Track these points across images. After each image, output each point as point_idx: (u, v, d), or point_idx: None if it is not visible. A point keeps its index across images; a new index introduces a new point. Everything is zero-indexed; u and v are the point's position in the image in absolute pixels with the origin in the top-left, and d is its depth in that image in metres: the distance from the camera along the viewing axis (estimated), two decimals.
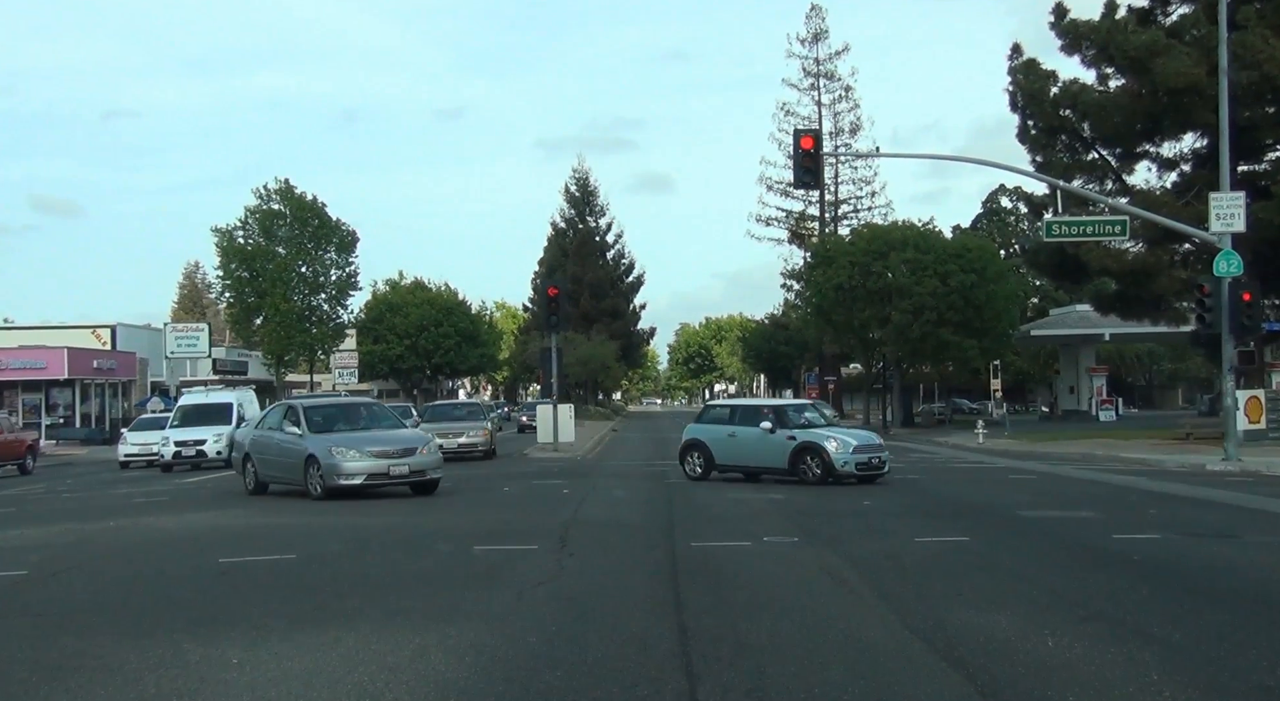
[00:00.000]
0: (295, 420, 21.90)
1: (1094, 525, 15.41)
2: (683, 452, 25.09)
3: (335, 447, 20.55)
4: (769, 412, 23.97)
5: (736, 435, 24.01)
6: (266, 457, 22.37)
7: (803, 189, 74.72)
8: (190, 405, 36.75)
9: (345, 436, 21.25)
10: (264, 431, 23.10)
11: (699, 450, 24.59)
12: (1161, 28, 38.81)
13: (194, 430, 34.43)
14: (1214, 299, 27.49)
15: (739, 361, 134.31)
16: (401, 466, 20.52)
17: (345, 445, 20.67)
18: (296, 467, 21.25)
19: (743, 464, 24.10)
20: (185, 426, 34.92)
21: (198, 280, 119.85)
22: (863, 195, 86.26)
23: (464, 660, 7.69)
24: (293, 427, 21.78)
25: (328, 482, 20.35)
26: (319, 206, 61.36)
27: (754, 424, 23.77)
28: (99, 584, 11.69)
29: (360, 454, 20.47)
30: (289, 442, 21.67)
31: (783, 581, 10.85)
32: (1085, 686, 6.85)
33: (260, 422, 24.28)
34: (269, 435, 22.65)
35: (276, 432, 22.39)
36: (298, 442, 21.38)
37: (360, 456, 20.44)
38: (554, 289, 40.58)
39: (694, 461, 24.63)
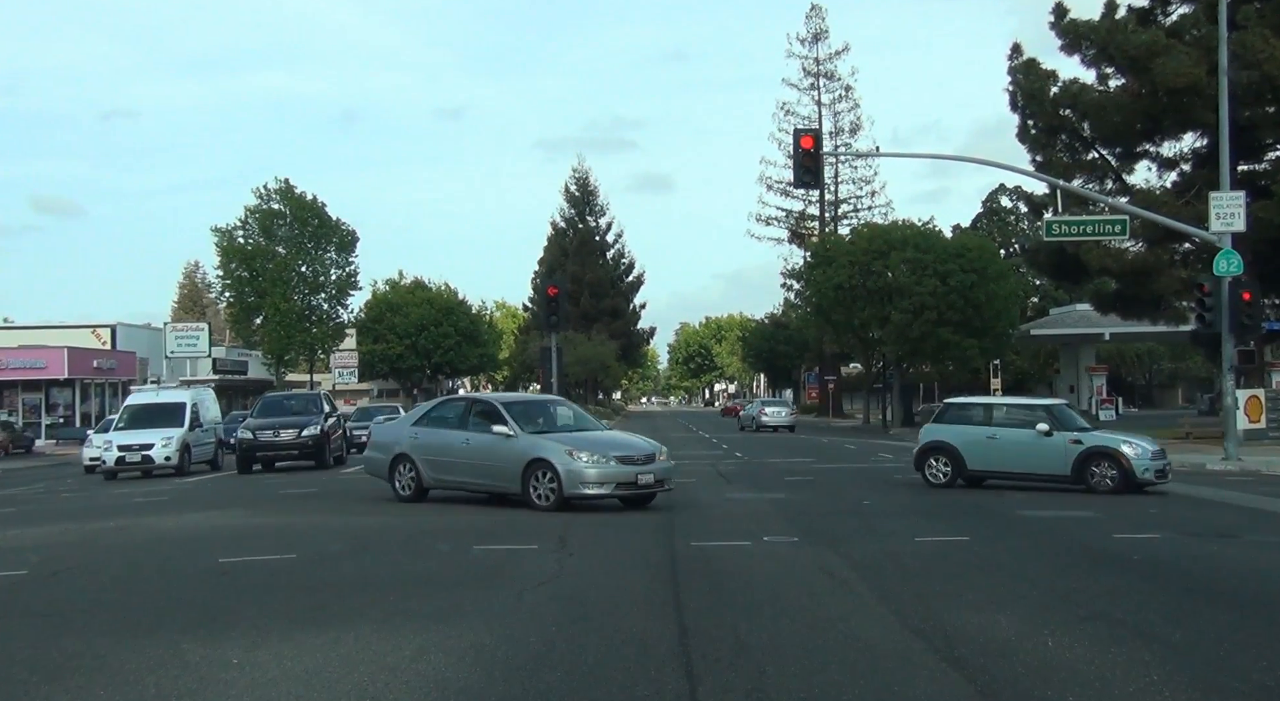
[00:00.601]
0: (497, 417, 18.90)
1: (1094, 525, 15.41)
2: (922, 456, 22.20)
3: (575, 451, 17.65)
4: (1044, 412, 21.40)
5: (998, 438, 21.41)
6: (446, 460, 19.38)
7: (803, 189, 74.84)
8: (137, 405, 33.50)
9: (573, 437, 18.56)
10: (434, 429, 20.02)
11: (945, 454, 21.83)
12: (1161, 28, 38.81)
13: (140, 433, 31.21)
14: (1214, 298, 27.49)
15: (739, 361, 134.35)
16: (648, 474, 17.80)
17: (583, 448, 17.83)
18: (509, 473, 18.29)
19: (1006, 470, 21.43)
20: (132, 428, 31.69)
21: (198, 280, 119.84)
22: (863, 195, 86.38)
23: (464, 660, 7.69)
24: (498, 426, 18.69)
25: (568, 491, 17.47)
26: (319, 206, 61.38)
27: (1023, 424, 21.29)
28: (99, 584, 11.69)
29: (604, 459, 17.64)
30: (496, 443, 18.57)
31: (783, 581, 10.84)
32: (1085, 686, 6.85)
33: (421, 419, 20.79)
34: (445, 434, 19.65)
35: (462, 431, 19.40)
36: (510, 443, 18.36)
37: (605, 461, 17.62)
38: (554, 288, 40.60)
39: (938, 467, 21.90)
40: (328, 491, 23.43)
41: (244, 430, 31.91)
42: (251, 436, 31.19)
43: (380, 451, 20.40)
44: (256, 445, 31.13)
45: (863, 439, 49.25)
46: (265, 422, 31.86)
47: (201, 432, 33.24)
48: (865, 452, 36.88)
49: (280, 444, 31.17)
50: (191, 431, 32.05)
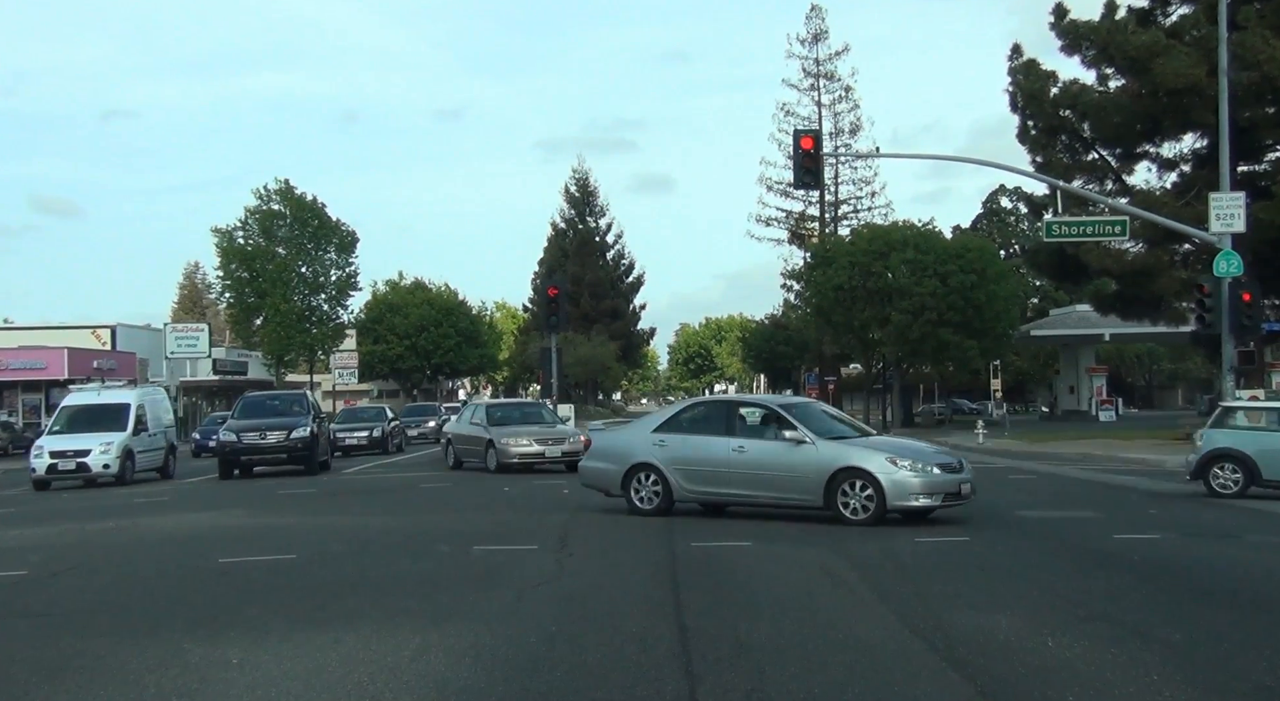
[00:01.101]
0: (780, 422, 20.23)
1: (1094, 525, 15.41)
2: (1204, 465, 19.96)
3: (897, 459, 18.51)
4: None
5: None
6: (708, 470, 19.78)
7: (803, 189, 74.71)
8: (75, 407, 29.62)
9: (888, 443, 19.76)
10: (687, 436, 21.16)
11: (1235, 462, 19.55)
12: (1161, 28, 38.82)
13: (77, 438, 27.71)
14: (1214, 299, 27.49)
15: (739, 362, 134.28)
16: (967, 483, 19.16)
17: (904, 456, 18.90)
18: (806, 484, 18.95)
19: None
20: (69, 433, 28.21)
21: (198, 280, 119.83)
22: (863, 195, 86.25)
23: (464, 660, 7.69)
24: (788, 432, 19.74)
25: (892, 503, 18.33)
26: (319, 207, 61.41)
27: None
28: (99, 584, 11.69)
29: (927, 467, 18.56)
30: (785, 452, 19.14)
31: (782, 581, 10.84)
32: (1085, 686, 6.84)
33: (667, 424, 21.86)
34: (705, 441, 20.45)
35: (729, 438, 20.06)
36: (805, 451, 19.13)
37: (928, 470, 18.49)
38: (554, 289, 40.61)
39: (1225, 477, 19.63)
40: (327, 492, 23.45)
41: (226, 432, 29.61)
42: (235, 438, 29.03)
43: (610, 461, 17.87)
44: (240, 448, 28.98)
45: None
46: (249, 424, 29.55)
47: (149, 437, 29.54)
48: None
49: (266, 447, 28.97)
50: (136, 436, 28.55)
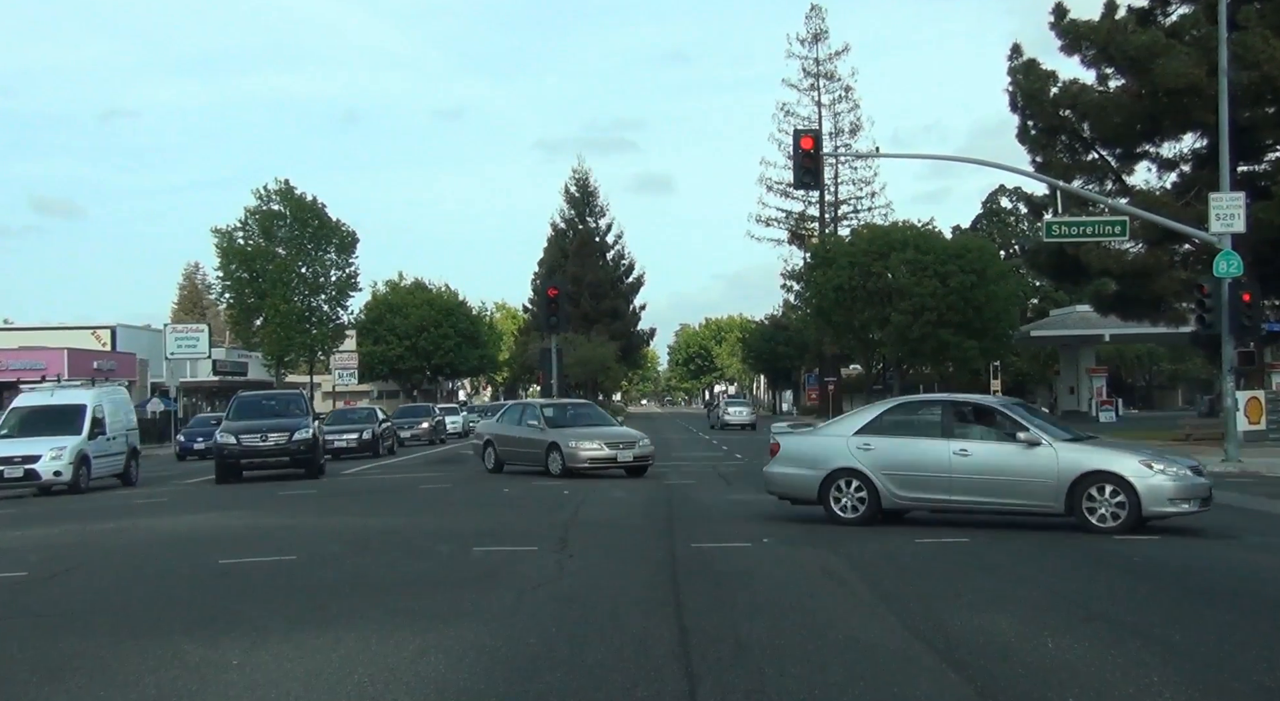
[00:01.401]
0: (1009, 423, 20.51)
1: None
2: None
3: (1150, 462, 18.40)
4: None
5: None
6: (925, 475, 19.21)
7: (803, 189, 74.78)
8: (26, 408, 27.79)
9: (1132, 446, 20.17)
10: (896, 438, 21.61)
11: None
12: (1161, 28, 38.81)
13: (25, 443, 25.79)
14: (1214, 299, 27.47)
15: (739, 362, 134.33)
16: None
17: (1156, 459, 18.90)
18: (1044, 489, 18.55)
19: None
20: (19, 436, 26.25)
21: (198, 281, 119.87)
22: (863, 195, 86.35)
23: (464, 661, 7.69)
24: (1021, 433, 19.64)
25: (1148, 510, 18.14)
26: (319, 207, 61.43)
27: None
28: (99, 584, 11.69)
29: (1180, 470, 18.50)
30: (1016, 455, 18.69)
31: (782, 582, 10.85)
32: (1085, 687, 6.84)
33: (870, 427, 22.34)
34: (919, 444, 20.08)
35: (947, 441, 19.65)
36: (1039, 454, 18.83)
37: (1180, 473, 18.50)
38: (554, 289, 40.67)
39: None
40: (327, 493, 23.46)
41: (224, 434, 28.05)
42: (234, 441, 27.51)
43: (804, 467, 16.35)
44: (240, 451, 27.52)
45: None
46: (248, 425, 28.16)
47: (107, 441, 27.55)
48: None
49: (268, 449, 27.57)
50: (93, 440, 26.61)
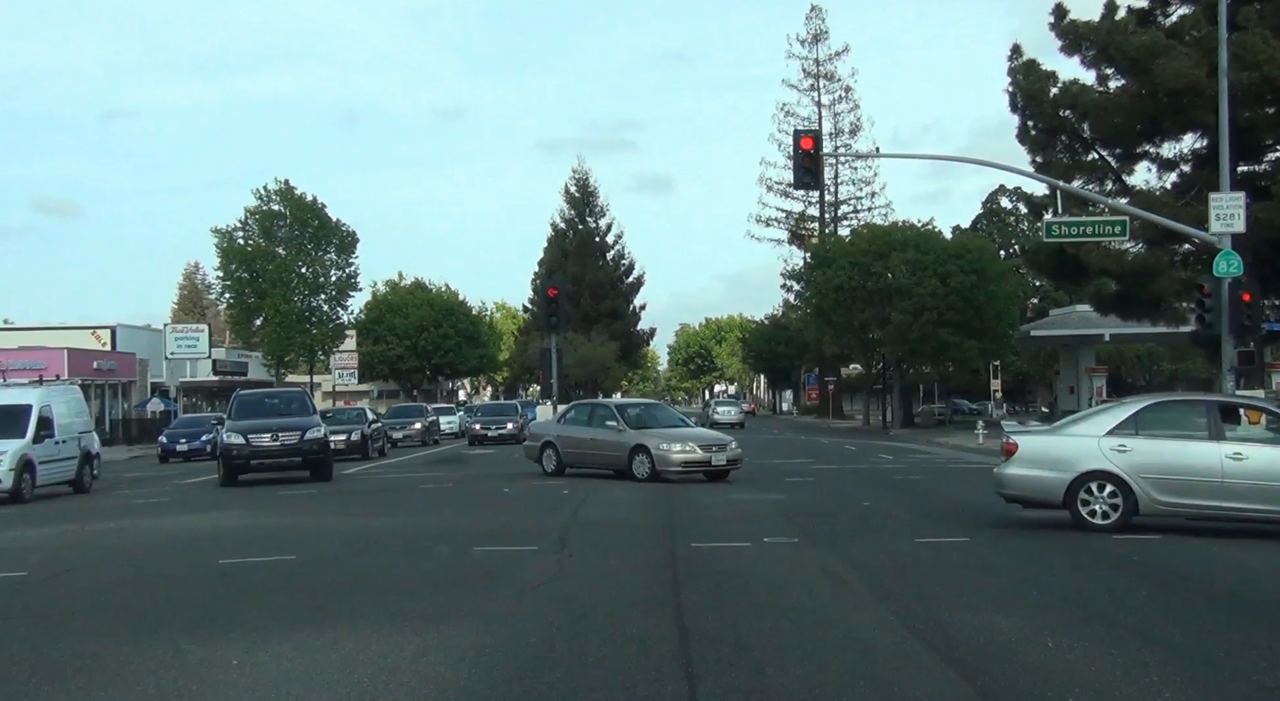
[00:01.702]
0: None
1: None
2: None
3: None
4: None
5: None
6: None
7: (803, 189, 74.93)
8: None
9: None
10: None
11: None
12: (1161, 28, 38.80)
13: None
14: (1214, 299, 27.47)
15: (739, 362, 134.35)
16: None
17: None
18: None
19: None
20: None
21: (198, 281, 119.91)
22: (863, 196, 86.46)
23: (464, 661, 7.69)
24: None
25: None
26: (319, 207, 61.46)
27: None
28: (99, 585, 11.69)
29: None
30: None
31: (782, 582, 10.84)
32: (1085, 687, 6.85)
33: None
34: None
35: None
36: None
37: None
38: (554, 289, 40.66)
39: None
40: (327, 493, 23.47)
41: (231, 434, 26.72)
42: (242, 441, 26.22)
43: (1048, 469, 14.94)
44: (251, 452, 26.29)
45: (863, 440, 49.27)
46: (256, 424, 26.99)
47: (55, 444, 25.61)
48: (865, 454, 36.87)
49: (278, 450, 26.48)
50: (39, 443, 24.75)
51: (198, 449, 42.01)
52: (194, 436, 43.41)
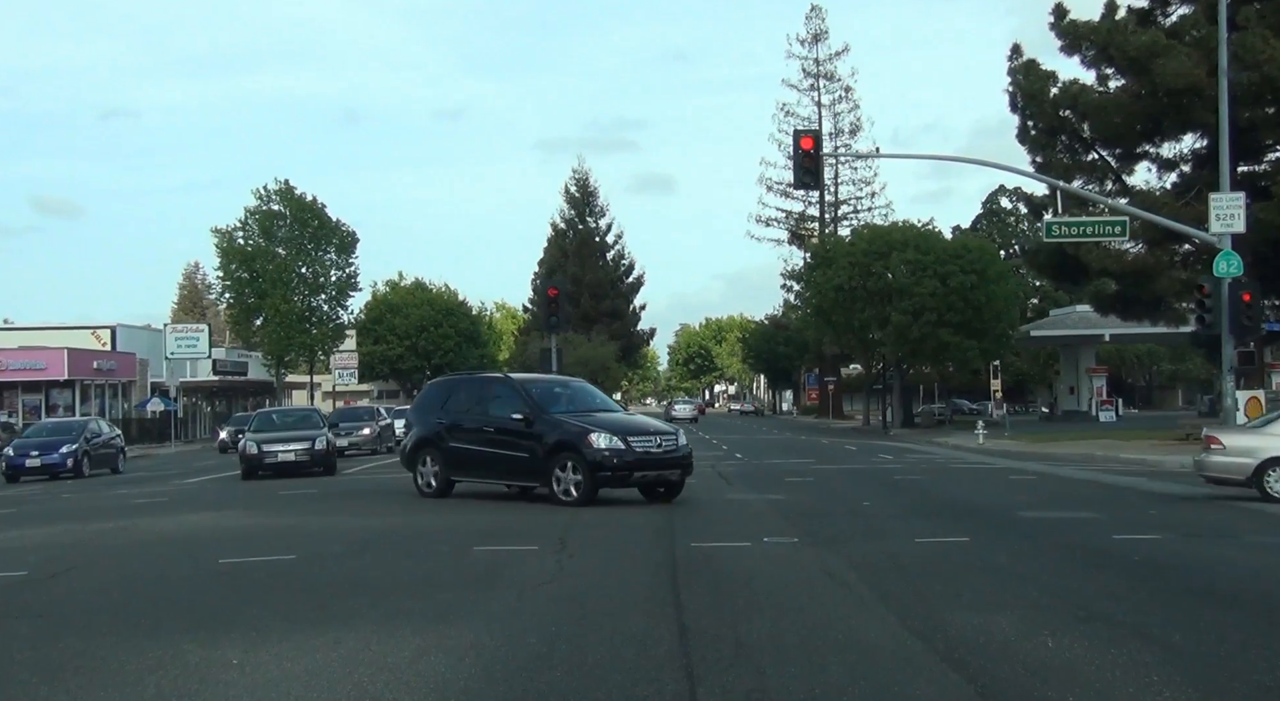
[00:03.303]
0: None
1: (1094, 525, 15.40)
2: None
3: None
4: None
5: None
6: None
7: (803, 189, 74.97)
8: None
9: None
10: None
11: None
12: (1161, 28, 38.83)
13: None
14: (1214, 299, 27.49)
15: (739, 362, 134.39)
16: None
17: None
18: None
19: None
20: None
21: (198, 281, 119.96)
22: (863, 196, 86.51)
23: (464, 661, 7.69)
24: None
25: None
26: (319, 207, 61.51)
27: None
28: (99, 585, 11.69)
29: None
30: None
31: (782, 582, 10.84)
32: (1085, 687, 6.84)
33: None
34: None
35: None
36: None
37: None
38: (554, 289, 40.71)
39: None
40: (327, 493, 23.45)
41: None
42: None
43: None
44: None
45: (863, 440, 49.27)
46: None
47: None
48: (865, 454, 36.87)
49: None
50: None
51: (56, 464, 32.67)
52: (50, 448, 33.27)
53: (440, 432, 20.26)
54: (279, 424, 31.59)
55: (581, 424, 18.62)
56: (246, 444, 29.01)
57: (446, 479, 20.19)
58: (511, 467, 19.29)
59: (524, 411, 19.01)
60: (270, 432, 30.08)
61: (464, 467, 20.03)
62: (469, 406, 20.31)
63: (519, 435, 18.97)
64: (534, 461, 18.70)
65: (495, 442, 19.42)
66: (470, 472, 20.09)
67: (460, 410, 20.32)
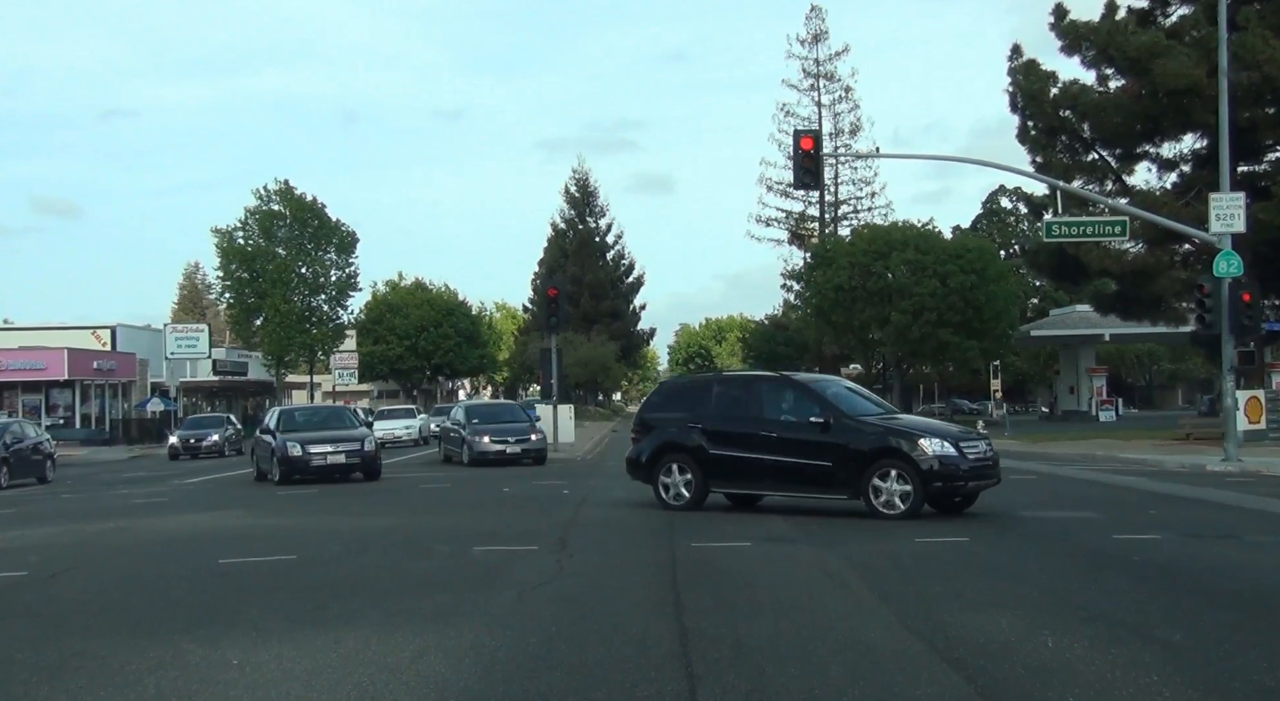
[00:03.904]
0: None
1: (1094, 525, 15.40)
2: None
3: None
4: None
5: None
6: None
7: (803, 189, 74.90)
8: None
9: None
10: None
11: None
12: (1161, 29, 38.86)
13: None
14: (1214, 299, 27.48)
15: (739, 362, 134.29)
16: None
17: None
18: None
19: None
20: None
21: (198, 281, 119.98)
22: (863, 195, 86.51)
23: (464, 661, 7.69)
24: None
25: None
26: (319, 207, 61.53)
27: None
28: (99, 584, 11.69)
29: None
30: None
31: (782, 582, 10.84)
32: (1085, 687, 6.84)
33: None
34: None
35: None
36: None
37: None
38: (554, 289, 40.69)
39: None
40: (327, 492, 23.47)
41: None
42: None
43: None
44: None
45: None
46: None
47: None
48: None
49: None
50: None
51: None
52: None
53: (693, 438, 17.71)
54: (313, 423, 28.93)
55: (905, 428, 16.84)
56: (286, 445, 26.39)
57: (704, 489, 17.74)
58: (803, 477, 16.84)
59: (823, 414, 16.68)
60: (307, 432, 27.48)
61: (732, 478, 17.66)
62: (730, 409, 17.83)
63: (814, 441, 16.61)
64: (839, 470, 16.36)
65: (779, 449, 16.94)
66: (740, 483, 17.75)
67: (717, 414, 17.83)
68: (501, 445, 31.92)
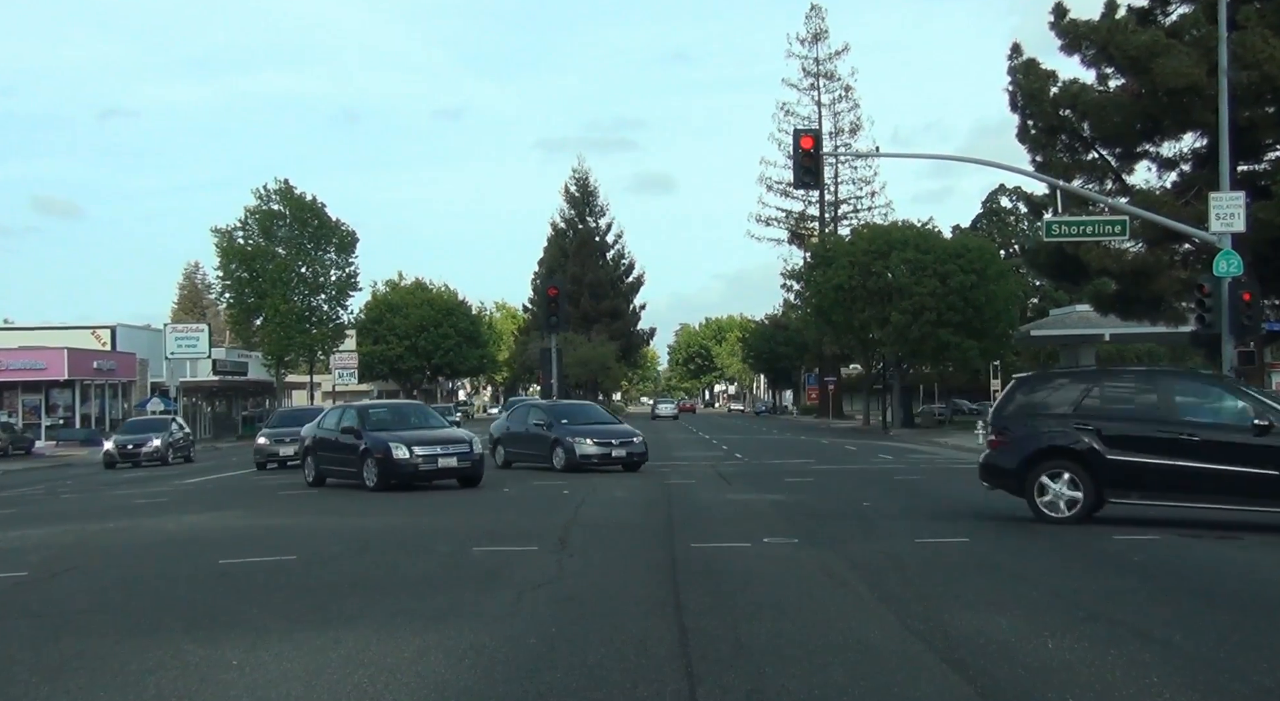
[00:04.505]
0: None
1: (1094, 525, 15.39)
2: None
3: None
4: None
5: None
6: None
7: (803, 189, 74.93)
8: None
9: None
10: None
11: None
12: (1161, 28, 38.79)
13: None
14: (1214, 299, 27.48)
15: (739, 362, 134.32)
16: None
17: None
18: None
19: None
20: None
21: (198, 281, 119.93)
22: (863, 195, 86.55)
23: (464, 661, 7.69)
24: None
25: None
26: (319, 207, 61.51)
27: None
28: (99, 585, 11.69)
29: None
30: None
31: (782, 582, 10.84)
32: (1085, 687, 6.84)
33: None
34: None
35: None
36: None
37: None
38: (554, 289, 40.75)
39: None
40: (327, 492, 23.46)
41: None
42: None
43: None
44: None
45: (863, 440, 49.26)
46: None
47: None
48: (865, 454, 36.87)
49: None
50: None
51: None
52: None
53: (1083, 440, 15.59)
54: (401, 421, 25.36)
55: None
56: (390, 447, 23.11)
57: (1099, 498, 15.66)
58: (1237, 487, 14.81)
59: (1264, 417, 14.70)
60: (403, 431, 24.19)
61: (1140, 486, 15.36)
62: (1129, 408, 15.98)
63: (1250, 446, 14.68)
64: None
65: (1203, 455, 14.91)
66: (1152, 492, 15.39)
67: (1108, 412, 15.82)
68: (605, 448, 28.09)
